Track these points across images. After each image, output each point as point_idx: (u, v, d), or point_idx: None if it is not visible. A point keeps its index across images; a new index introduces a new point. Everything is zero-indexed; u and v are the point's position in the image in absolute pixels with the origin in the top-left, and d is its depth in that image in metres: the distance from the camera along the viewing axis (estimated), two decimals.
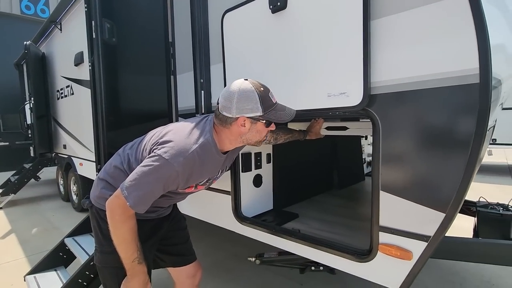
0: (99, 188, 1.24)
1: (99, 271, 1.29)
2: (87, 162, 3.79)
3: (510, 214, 1.84)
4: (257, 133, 1.18)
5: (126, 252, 1.10)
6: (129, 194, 1.04)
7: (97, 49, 1.45)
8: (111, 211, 1.08)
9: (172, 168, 1.05)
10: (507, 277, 2.35)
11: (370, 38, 1.09)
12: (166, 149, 1.07)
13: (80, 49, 3.61)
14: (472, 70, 0.91)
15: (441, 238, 1.03)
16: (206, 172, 1.22)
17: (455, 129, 0.96)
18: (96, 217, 1.26)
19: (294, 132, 1.79)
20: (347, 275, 2.35)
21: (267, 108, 1.11)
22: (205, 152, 1.13)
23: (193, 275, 1.51)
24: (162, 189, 1.10)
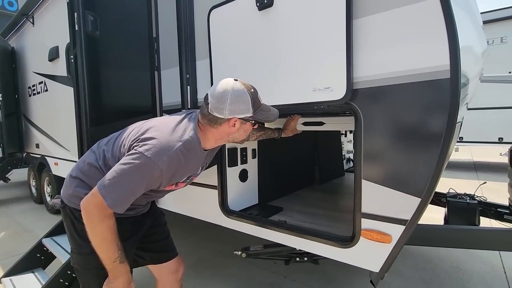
0: (72, 187, 1.17)
1: (78, 274, 1.22)
2: (64, 162, 3.64)
3: (476, 203, 2.00)
4: (244, 132, 1.21)
5: (106, 252, 1.05)
6: (107, 193, 0.99)
7: (79, 41, 1.41)
8: (87, 211, 1.02)
9: (155, 167, 1.01)
10: (472, 262, 2.55)
11: (352, 36, 1.16)
12: (148, 147, 1.02)
13: (55, 43, 3.47)
14: (443, 66, 1.00)
15: (417, 221, 1.11)
16: (189, 170, 1.20)
17: (429, 120, 1.05)
18: (70, 217, 1.18)
19: (267, 130, 1.79)
20: (329, 267, 2.46)
21: (257, 109, 1.14)
22: (189, 150, 1.10)
23: (176, 270, 1.48)
24: (143, 188, 1.06)
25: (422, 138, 1.07)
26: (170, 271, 1.47)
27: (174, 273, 1.48)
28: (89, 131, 1.51)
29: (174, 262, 1.48)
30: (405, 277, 2.33)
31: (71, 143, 3.39)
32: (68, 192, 1.19)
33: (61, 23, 3.35)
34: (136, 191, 1.05)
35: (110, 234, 1.05)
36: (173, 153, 1.05)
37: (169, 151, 1.04)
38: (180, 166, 1.10)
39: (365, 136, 1.20)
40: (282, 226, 1.53)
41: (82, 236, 1.12)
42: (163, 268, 1.46)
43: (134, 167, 1.00)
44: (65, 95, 3.36)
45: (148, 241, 1.42)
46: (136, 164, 1.00)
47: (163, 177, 1.06)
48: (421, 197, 1.08)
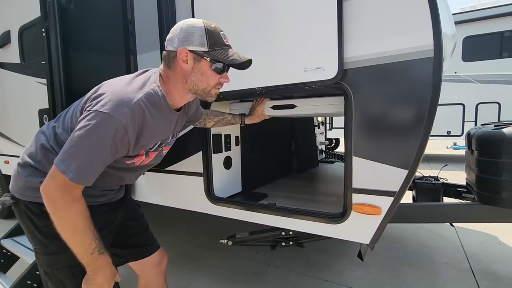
0: (23, 177, 0.99)
1: (48, 277, 1.02)
2: (16, 159, 3.26)
3: (440, 183, 2.21)
4: (203, 76, 0.98)
5: (82, 244, 0.90)
6: (66, 167, 0.83)
7: (53, 13, 1.27)
8: (49, 197, 0.86)
9: (117, 122, 0.85)
10: (435, 239, 2.81)
11: (343, 17, 1.21)
12: (103, 102, 0.86)
13: (5, 27, 3.10)
14: (428, 46, 1.09)
15: (404, 193, 1.20)
16: (159, 131, 1.03)
17: (415, 96, 1.13)
18: (26, 213, 1.01)
19: (227, 115, 1.61)
20: (309, 253, 2.53)
21: (214, 46, 0.95)
22: (153, 104, 0.95)
23: (159, 263, 1.38)
24: (109, 151, 0.88)
25: (408, 113, 1.15)
26: (153, 264, 1.36)
27: (158, 265, 1.37)
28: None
29: (157, 254, 1.37)
30: (380, 256, 2.49)
31: (26, 138, 3.06)
32: (19, 185, 1.01)
33: (11, 6, 3.02)
34: (100, 157, 0.88)
35: (82, 221, 0.89)
36: (135, 104, 0.89)
37: (129, 103, 0.88)
38: (146, 124, 0.94)
39: (355, 115, 1.25)
40: (272, 208, 1.54)
41: (45, 233, 0.98)
42: (145, 262, 1.34)
43: (92, 127, 0.84)
44: (19, 84, 3.03)
45: (125, 235, 1.28)
46: (93, 124, 0.84)
47: (129, 135, 0.90)
48: (408, 169, 1.16)
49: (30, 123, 2.81)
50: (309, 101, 1.61)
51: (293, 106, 1.70)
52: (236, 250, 2.62)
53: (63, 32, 1.33)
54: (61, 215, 0.87)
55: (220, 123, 1.60)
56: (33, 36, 2.75)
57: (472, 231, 2.96)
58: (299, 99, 1.66)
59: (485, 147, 1.76)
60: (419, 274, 2.20)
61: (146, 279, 1.39)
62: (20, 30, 2.87)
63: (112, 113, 0.85)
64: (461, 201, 2.32)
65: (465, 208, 1.93)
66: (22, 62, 2.93)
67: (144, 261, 1.35)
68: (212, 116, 1.54)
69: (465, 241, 2.74)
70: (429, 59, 1.09)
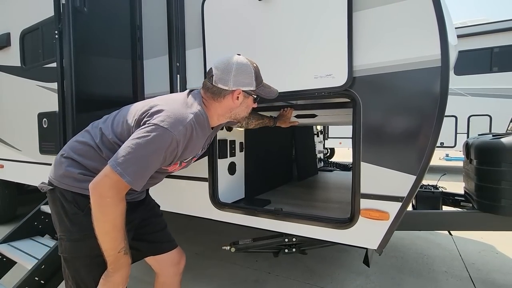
0: (63, 167, 1.08)
1: (66, 263, 1.09)
2: (12, 163, 3.20)
3: (439, 192, 2.25)
4: (246, 108, 1.20)
5: (114, 241, 0.97)
6: (124, 170, 0.92)
7: (67, 16, 1.28)
8: (100, 194, 0.93)
9: (172, 137, 0.97)
10: (433, 248, 2.83)
11: (353, 27, 1.25)
12: (162, 118, 0.98)
13: (5, 30, 3.09)
14: (435, 56, 1.13)
15: (412, 198, 1.22)
16: (198, 147, 1.16)
17: (423, 104, 1.17)
18: (60, 200, 1.08)
19: (265, 118, 1.82)
20: (309, 261, 2.52)
21: (259, 84, 1.15)
22: (199, 124, 1.08)
23: (177, 262, 1.40)
24: (160, 162, 1.00)
25: (416, 120, 1.18)
26: (171, 263, 1.39)
27: (176, 265, 1.40)
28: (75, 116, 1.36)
29: (175, 253, 1.40)
30: (379, 265, 2.49)
31: (23, 142, 3.02)
32: (59, 173, 1.09)
33: (13, 8, 3.02)
34: (153, 165, 0.99)
35: (121, 220, 0.97)
36: (188, 124, 1.02)
37: (183, 121, 1.01)
38: (192, 140, 1.06)
39: (364, 121, 1.28)
40: (279, 213, 1.54)
41: (73, 221, 1.05)
42: (164, 260, 1.38)
43: (151, 139, 0.95)
44: (17, 87, 3.00)
45: (144, 232, 1.33)
46: (153, 136, 0.95)
47: (179, 149, 1.02)
48: (416, 175, 1.19)
49: (28, 126, 2.77)
50: (328, 111, 1.67)
51: (314, 116, 1.79)
52: (235, 258, 2.59)
53: (76, 34, 1.34)
54: (107, 212, 0.94)
55: (260, 124, 1.77)
56: (36, 39, 2.75)
57: (469, 240, 3.00)
58: (319, 110, 1.74)
59: (485, 156, 1.81)
60: (420, 283, 2.21)
61: (163, 277, 1.42)
62: (22, 33, 2.87)
63: (170, 128, 0.97)
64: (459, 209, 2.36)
65: (465, 216, 1.95)
66: (23, 66, 2.91)
67: (163, 259, 1.38)
68: (254, 120, 1.70)
69: (463, 250, 2.77)
70: (437, 69, 1.13)
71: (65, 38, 1.29)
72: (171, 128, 0.97)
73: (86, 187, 0.97)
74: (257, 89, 1.15)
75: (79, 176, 1.05)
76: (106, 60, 1.74)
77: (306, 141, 3.25)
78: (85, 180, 1.03)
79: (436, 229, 2.03)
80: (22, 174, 3.12)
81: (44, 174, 2.77)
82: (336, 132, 7.48)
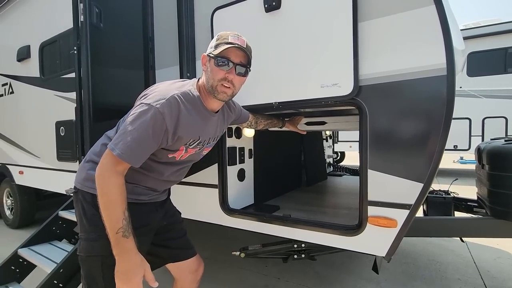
0: (85, 170, 1.16)
1: (81, 262, 1.14)
2: (31, 170, 3.34)
3: (451, 197, 2.21)
4: (211, 73, 1.11)
5: (111, 218, 0.98)
6: (115, 145, 1.00)
7: (85, 33, 1.37)
8: (99, 169, 1.01)
9: (155, 110, 1.01)
10: (445, 255, 2.77)
11: (359, 37, 1.27)
12: (148, 97, 1.07)
13: (25, 42, 3.25)
14: (441, 65, 1.14)
15: (420, 205, 1.22)
16: (195, 126, 1.15)
17: (430, 112, 1.17)
18: (81, 201, 1.15)
19: (274, 118, 1.84)
20: (319, 267, 2.52)
21: (219, 45, 1.09)
22: (188, 101, 1.10)
23: (196, 270, 1.43)
24: (151, 136, 1.02)
25: (423, 128, 1.19)
26: (189, 270, 1.42)
27: (194, 272, 1.43)
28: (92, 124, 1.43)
29: (194, 261, 1.43)
30: (390, 272, 2.46)
31: (41, 149, 3.15)
32: (81, 176, 1.17)
33: (33, 22, 3.17)
34: (143, 139, 1.02)
35: (117, 193, 1.00)
36: (171, 97, 1.05)
37: (166, 95, 1.05)
38: (182, 115, 1.07)
39: (370, 129, 1.30)
40: (288, 220, 1.56)
41: (91, 221, 1.11)
42: (183, 267, 1.41)
43: (136, 115, 1.02)
44: (37, 97, 3.13)
45: (165, 238, 1.37)
46: (137, 113, 1.02)
47: (167, 122, 1.03)
48: (423, 182, 1.19)
49: (46, 134, 2.90)
50: (337, 118, 1.69)
51: (324, 123, 1.81)
52: (245, 263, 2.61)
53: (92, 48, 1.42)
54: (101, 182, 1.00)
55: (268, 125, 1.79)
56: (54, 51, 2.88)
57: (484, 247, 2.93)
58: (328, 117, 1.76)
59: (497, 161, 1.78)
60: None
61: (181, 283, 1.45)
62: (41, 46, 3.01)
63: (152, 103, 1.02)
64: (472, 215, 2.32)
65: (477, 223, 1.92)
66: (42, 76, 3.05)
67: (182, 266, 1.41)
68: (263, 120, 1.73)
69: (477, 257, 2.71)
70: (443, 77, 1.14)
71: (83, 52, 1.37)
72: (154, 102, 1.03)
73: None
74: (215, 49, 1.09)
75: None
76: (121, 71, 1.82)
77: (315, 146, 3.26)
78: None
79: (447, 235, 2.01)
80: (40, 180, 3.25)
81: (61, 180, 2.89)
82: (346, 135, 7.42)
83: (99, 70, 1.51)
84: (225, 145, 1.78)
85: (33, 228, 3.82)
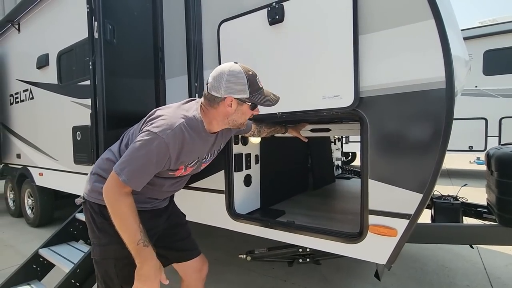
0: (91, 182, 1.26)
1: (97, 265, 1.25)
2: (50, 172, 3.51)
3: (459, 203, 2.19)
4: (242, 115, 1.22)
5: (128, 233, 1.08)
6: (121, 170, 1.07)
7: (99, 49, 1.46)
8: (106, 191, 1.09)
9: (161, 140, 1.08)
10: (455, 260, 2.74)
11: (359, 49, 1.30)
12: (155, 125, 1.12)
13: (44, 51, 3.41)
14: (440, 78, 1.15)
15: (419, 215, 1.24)
16: (196, 151, 1.24)
17: (429, 124, 1.19)
18: (89, 211, 1.25)
19: (277, 126, 1.87)
20: (325, 270, 2.54)
21: (254, 92, 1.17)
22: (192, 128, 1.16)
23: (200, 269, 1.52)
24: (154, 164, 1.11)
25: (422, 140, 1.21)
26: (194, 269, 1.51)
27: (198, 271, 1.52)
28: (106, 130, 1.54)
29: (198, 260, 1.52)
30: (397, 276, 2.46)
31: (59, 153, 3.31)
32: (88, 188, 1.27)
33: (51, 31, 3.33)
34: (147, 166, 1.10)
35: (129, 212, 1.08)
36: (177, 127, 1.12)
37: (172, 125, 1.11)
38: (185, 143, 1.15)
39: (371, 140, 1.32)
40: (291, 226, 1.61)
41: (101, 229, 1.21)
42: (187, 267, 1.50)
43: (142, 143, 1.08)
44: (55, 103, 3.29)
45: (170, 240, 1.46)
46: (144, 140, 1.08)
47: (170, 151, 1.11)
48: (423, 193, 1.21)
49: (64, 138, 3.04)
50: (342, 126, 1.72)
51: (328, 130, 1.85)
52: (252, 265, 2.67)
53: (106, 62, 1.51)
54: (113, 204, 1.09)
55: (271, 133, 1.83)
56: (70, 60, 3.02)
57: (496, 252, 2.87)
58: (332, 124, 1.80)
59: (506, 168, 1.76)
60: None
61: (187, 282, 1.55)
62: (59, 54, 3.16)
63: (159, 133, 1.09)
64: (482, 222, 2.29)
65: (485, 230, 1.91)
66: (59, 83, 3.20)
67: (186, 265, 1.51)
68: (266, 128, 1.77)
69: (488, 264, 2.66)
70: (442, 90, 1.15)
71: (98, 66, 1.47)
72: (160, 133, 1.09)
73: None
74: (251, 96, 1.17)
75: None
76: (133, 81, 1.91)
77: (322, 149, 3.28)
78: None
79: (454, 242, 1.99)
80: (58, 181, 3.42)
81: (77, 183, 3.03)
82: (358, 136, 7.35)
83: (112, 81, 1.61)
84: (231, 152, 1.84)
85: (52, 226, 4.01)
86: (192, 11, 1.84)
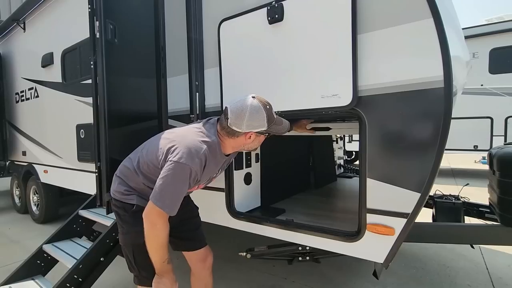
0: (116, 184, 1.42)
1: (123, 251, 1.44)
2: (54, 169, 3.57)
3: (460, 203, 2.18)
4: (258, 142, 1.41)
5: (161, 255, 1.25)
6: (163, 204, 1.19)
7: (100, 49, 1.48)
8: (152, 222, 1.21)
9: (191, 169, 1.21)
10: (457, 260, 2.73)
11: (357, 49, 1.30)
12: (180, 155, 1.22)
13: (49, 50, 3.45)
14: (438, 77, 1.15)
15: (417, 214, 1.24)
16: (212, 171, 1.38)
17: (427, 123, 1.19)
18: (115, 205, 1.42)
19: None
20: (325, 268, 2.55)
21: (271, 123, 1.31)
22: (212, 152, 1.30)
23: (203, 259, 1.64)
24: (187, 188, 1.25)
25: (421, 139, 1.21)
26: (198, 259, 1.63)
27: (203, 261, 1.64)
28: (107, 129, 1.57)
29: (202, 251, 1.64)
30: (398, 276, 2.46)
31: (64, 150, 3.35)
32: (113, 188, 1.44)
33: (56, 30, 3.36)
34: (182, 193, 1.25)
35: (164, 236, 1.24)
36: (202, 155, 1.25)
37: (198, 154, 1.24)
38: (208, 166, 1.29)
39: (369, 139, 1.32)
40: (290, 224, 1.62)
41: (123, 220, 1.39)
42: (193, 256, 1.63)
43: (175, 175, 1.20)
44: (59, 101, 3.33)
45: (182, 230, 1.59)
46: (176, 173, 1.20)
47: (198, 175, 1.26)
48: (420, 192, 1.21)
49: (68, 136, 3.09)
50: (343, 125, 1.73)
51: (328, 129, 1.86)
52: (253, 263, 2.69)
53: (107, 61, 1.53)
54: (157, 234, 1.23)
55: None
56: (74, 58, 3.05)
57: (498, 252, 2.85)
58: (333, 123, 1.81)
59: (507, 168, 1.75)
60: None
61: (193, 270, 1.68)
62: (63, 53, 3.19)
63: (188, 163, 1.20)
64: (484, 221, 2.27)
65: (486, 230, 1.90)
66: (64, 82, 3.24)
67: (191, 255, 1.65)
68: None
69: (490, 263, 2.65)
70: (440, 89, 1.15)
71: (99, 65, 1.49)
72: (189, 163, 1.21)
73: (129, 200, 1.35)
74: (268, 128, 1.31)
75: (125, 191, 1.38)
76: (134, 80, 1.93)
77: (323, 148, 3.28)
78: (128, 195, 1.37)
79: (455, 242, 1.99)
80: (63, 179, 3.46)
81: (81, 180, 3.06)
82: None
83: (114, 80, 1.63)
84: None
85: (56, 222, 4.07)
86: (193, 10, 1.85)
